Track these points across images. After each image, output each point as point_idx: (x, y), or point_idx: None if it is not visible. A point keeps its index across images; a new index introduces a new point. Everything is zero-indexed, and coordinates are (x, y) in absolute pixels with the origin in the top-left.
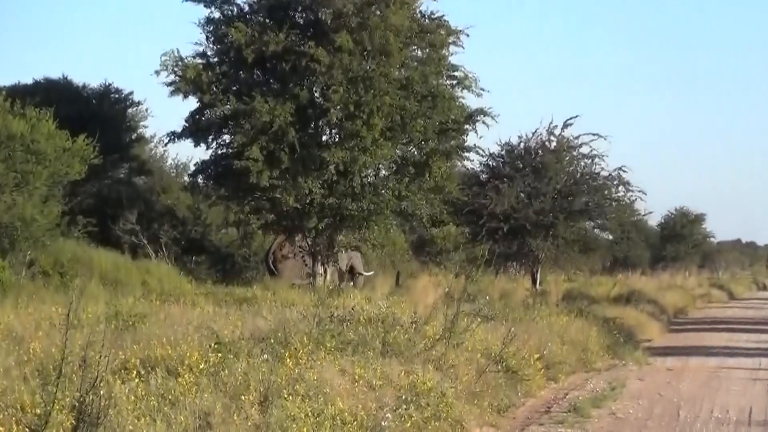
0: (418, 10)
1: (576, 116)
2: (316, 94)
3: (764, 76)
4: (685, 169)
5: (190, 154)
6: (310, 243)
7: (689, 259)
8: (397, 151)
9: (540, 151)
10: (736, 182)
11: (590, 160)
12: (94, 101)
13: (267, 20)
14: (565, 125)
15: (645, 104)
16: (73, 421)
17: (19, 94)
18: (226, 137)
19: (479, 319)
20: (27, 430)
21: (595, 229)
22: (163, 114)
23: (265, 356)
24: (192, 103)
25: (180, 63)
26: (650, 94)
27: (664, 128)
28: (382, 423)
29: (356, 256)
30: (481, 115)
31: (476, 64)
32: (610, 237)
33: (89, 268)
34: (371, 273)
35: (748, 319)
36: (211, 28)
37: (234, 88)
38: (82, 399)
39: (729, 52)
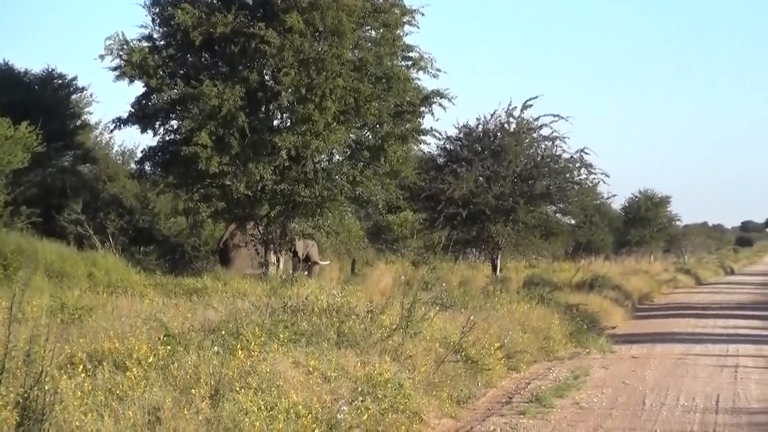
0: None
1: (536, 97)
2: (267, 77)
3: (729, 59)
4: (649, 150)
5: (137, 140)
6: (262, 231)
7: (654, 243)
8: (351, 135)
9: (499, 134)
10: (703, 163)
11: (551, 143)
12: (36, 87)
13: (215, 1)
14: (525, 106)
15: (608, 85)
16: (17, 418)
17: None
18: (174, 123)
19: (437, 308)
20: None
21: (557, 214)
22: (108, 99)
23: (216, 348)
24: (138, 87)
25: (125, 47)
26: (613, 75)
27: (627, 109)
28: (338, 416)
29: (313, 245)
30: (438, 97)
31: (432, 44)
32: (573, 221)
33: (33, 260)
34: (328, 262)
35: (716, 305)
36: (157, 10)
37: (181, 71)
38: (26, 395)
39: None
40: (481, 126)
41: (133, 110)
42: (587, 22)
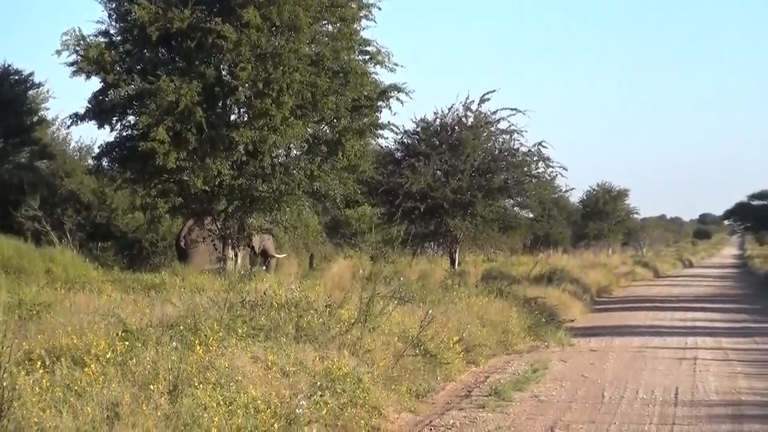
0: None
1: (493, 90)
2: (224, 72)
3: (688, 50)
4: (607, 143)
5: (94, 136)
6: (219, 226)
7: (612, 236)
8: (309, 130)
9: (456, 128)
10: (661, 156)
11: (509, 136)
12: None
13: None
14: (482, 100)
15: (565, 79)
16: None
17: None
18: (131, 118)
19: (396, 302)
20: None
21: (515, 207)
22: (65, 95)
23: (175, 344)
24: (95, 83)
25: (82, 42)
26: (570, 68)
27: (585, 103)
28: (297, 410)
29: (269, 239)
30: (395, 91)
31: (389, 38)
32: (531, 215)
33: None
34: (284, 255)
35: (674, 297)
36: (114, 5)
37: (138, 67)
38: None
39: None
40: (438, 120)
41: (90, 106)
42: (544, 15)
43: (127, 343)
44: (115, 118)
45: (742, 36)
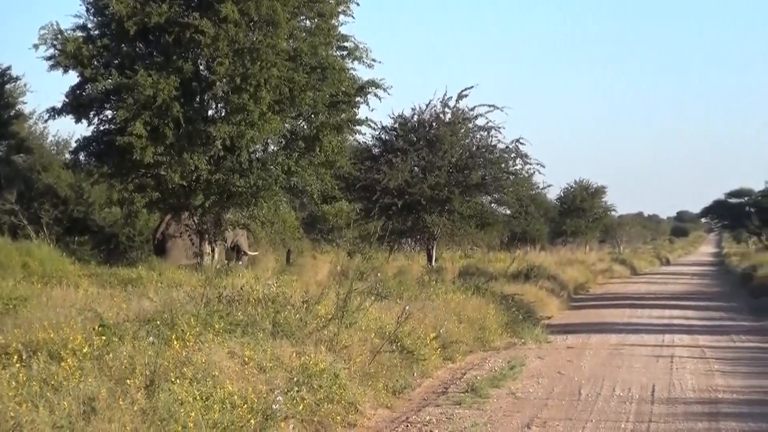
0: None
1: (471, 87)
2: (201, 67)
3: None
4: (585, 140)
5: (71, 130)
6: (196, 221)
7: (590, 233)
8: (286, 125)
9: (434, 124)
10: (638, 154)
11: (486, 133)
12: None
13: None
14: (460, 96)
15: (543, 75)
16: None
17: None
18: (109, 113)
19: (373, 298)
20: None
21: (492, 204)
22: (43, 89)
23: (151, 339)
24: (72, 77)
25: (59, 36)
26: (548, 66)
27: (563, 100)
28: (274, 406)
29: (242, 234)
30: (373, 87)
31: (367, 34)
32: (508, 211)
33: None
34: (256, 253)
35: (651, 295)
36: None
37: (116, 61)
38: None
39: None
40: (416, 116)
41: (67, 100)
42: (522, 11)
43: (103, 337)
44: (92, 113)
45: (718, 33)
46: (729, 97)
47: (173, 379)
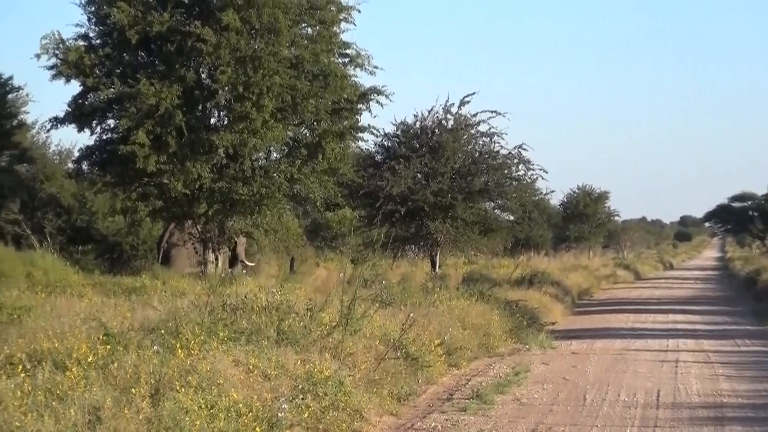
0: None
1: (473, 93)
2: (204, 76)
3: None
4: (588, 146)
5: (74, 139)
6: (200, 230)
7: (593, 238)
8: (289, 133)
9: (437, 130)
10: (641, 159)
11: (489, 139)
12: None
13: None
14: (462, 103)
15: (546, 81)
16: None
17: None
18: (111, 122)
19: (377, 305)
20: None
21: (496, 210)
22: (45, 99)
23: (156, 348)
24: (75, 87)
25: (61, 46)
26: (551, 71)
27: (566, 105)
28: (279, 414)
29: (240, 243)
30: (375, 94)
31: (369, 41)
32: (511, 217)
33: None
34: (252, 264)
35: (655, 300)
36: (93, 8)
37: (118, 70)
38: None
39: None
40: (418, 123)
41: (69, 109)
42: (526, 16)
43: (108, 346)
44: (95, 122)
45: (724, 37)
46: (733, 101)
47: (178, 388)
